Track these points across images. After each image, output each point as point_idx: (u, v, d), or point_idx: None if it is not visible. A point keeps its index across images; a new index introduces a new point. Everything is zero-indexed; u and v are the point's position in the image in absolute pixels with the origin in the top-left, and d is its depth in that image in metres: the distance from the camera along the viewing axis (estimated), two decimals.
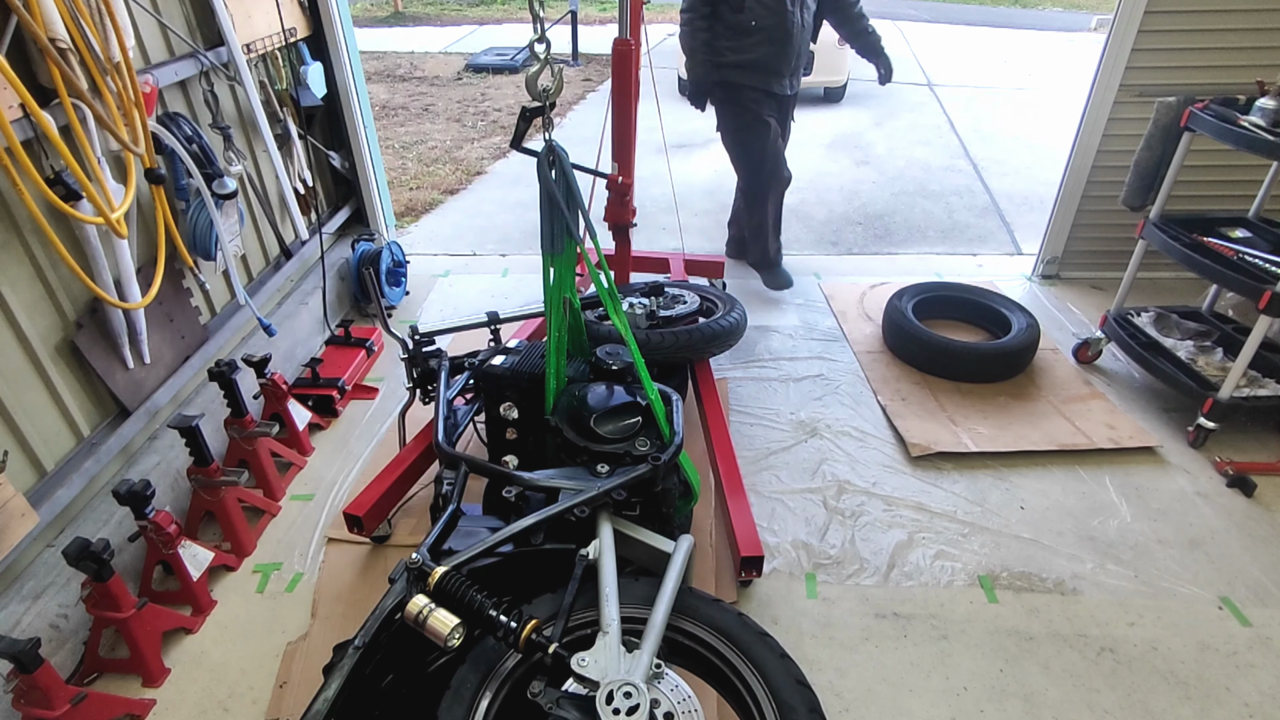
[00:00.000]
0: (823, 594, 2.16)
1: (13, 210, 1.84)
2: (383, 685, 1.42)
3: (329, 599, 2.14)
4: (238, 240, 2.60)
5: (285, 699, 1.86)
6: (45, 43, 1.68)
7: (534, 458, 2.10)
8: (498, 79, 8.47)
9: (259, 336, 2.83)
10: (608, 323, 2.46)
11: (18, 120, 1.73)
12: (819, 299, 3.75)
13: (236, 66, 2.63)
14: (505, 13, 13.18)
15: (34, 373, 1.93)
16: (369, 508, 2.14)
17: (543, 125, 1.70)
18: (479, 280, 3.99)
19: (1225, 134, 2.54)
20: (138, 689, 1.90)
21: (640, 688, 1.25)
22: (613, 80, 2.82)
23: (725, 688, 1.42)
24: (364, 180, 3.73)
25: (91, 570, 1.74)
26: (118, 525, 2.06)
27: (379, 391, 3.04)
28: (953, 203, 5.18)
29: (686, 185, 5.32)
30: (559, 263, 1.85)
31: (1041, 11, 13.44)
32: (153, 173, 2.08)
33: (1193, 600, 2.13)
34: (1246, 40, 3.18)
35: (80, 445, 2.08)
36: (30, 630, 1.77)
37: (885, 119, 7.09)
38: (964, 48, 10.29)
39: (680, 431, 1.78)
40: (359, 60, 3.56)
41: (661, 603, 1.39)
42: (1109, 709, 1.85)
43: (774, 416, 2.90)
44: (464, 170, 5.77)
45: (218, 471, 2.22)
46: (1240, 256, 2.58)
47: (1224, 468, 2.57)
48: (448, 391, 2.20)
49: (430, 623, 1.28)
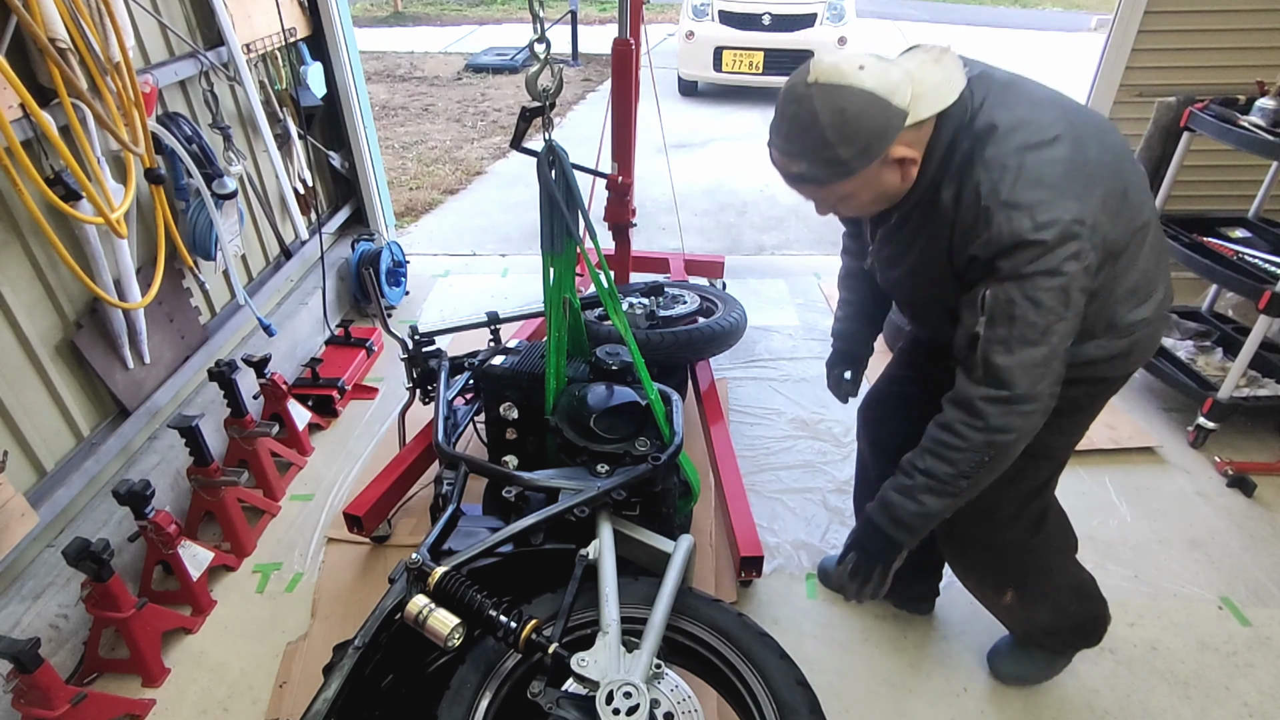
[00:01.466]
0: (823, 594, 2.16)
1: (13, 210, 1.83)
2: (383, 685, 1.42)
3: (329, 599, 2.13)
4: (237, 240, 2.60)
5: (285, 699, 1.86)
6: (45, 43, 1.68)
7: (534, 458, 2.10)
8: (498, 79, 8.47)
9: (259, 336, 2.83)
10: (608, 323, 2.46)
11: (17, 120, 1.73)
12: (819, 299, 3.75)
13: (236, 66, 2.63)
14: (505, 13, 13.17)
15: (34, 373, 1.93)
16: (369, 508, 2.14)
17: (543, 125, 1.70)
18: (479, 280, 3.99)
19: (1225, 134, 2.54)
20: (137, 689, 1.90)
21: (640, 688, 1.25)
22: (613, 80, 2.82)
23: (725, 688, 1.41)
24: (364, 180, 3.73)
25: (91, 570, 1.74)
26: (117, 525, 2.06)
27: (379, 391, 3.04)
28: None
29: (686, 185, 5.31)
30: (559, 263, 1.85)
31: (1041, 11, 13.44)
32: (152, 173, 2.08)
33: (1192, 600, 2.13)
34: (1246, 40, 3.18)
35: (80, 445, 2.08)
36: (30, 630, 1.77)
37: None
38: (964, 47, 10.23)
39: (680, 431, 1.78)
40: (359, 60, 3.56)
41: (661, 603, 1.39)
42: (1109, 709, 1.85)
43: (774, 416, 2.90)
44: (464, 170, 5.77)
45: (218, 471, 2.22)
46: (1240, 256, 2.58)
47: (1224, 468, 2.57)
48: (447, 391, 2.20)
49: (430, 623, 1.28)
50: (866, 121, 1.14)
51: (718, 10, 7.34)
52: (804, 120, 1.16)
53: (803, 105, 1.16)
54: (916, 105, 1.17)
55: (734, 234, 4.70)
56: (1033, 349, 1.17)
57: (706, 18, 7.37)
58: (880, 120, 1.15)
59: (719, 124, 6.95)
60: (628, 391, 1.93)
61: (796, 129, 1.18)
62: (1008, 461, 1.27)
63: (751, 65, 7.29)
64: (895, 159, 1.19)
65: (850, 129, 1.14)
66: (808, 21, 7.19)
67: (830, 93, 1.14)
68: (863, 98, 1.13)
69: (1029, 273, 1.14)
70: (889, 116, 1.15)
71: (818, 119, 1.15)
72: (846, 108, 1.13)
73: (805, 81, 1.16)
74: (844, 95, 1.13)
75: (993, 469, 1.27)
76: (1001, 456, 1.25)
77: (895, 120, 1.15)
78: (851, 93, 1.13)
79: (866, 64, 1.15)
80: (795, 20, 7.20)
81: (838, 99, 1.14)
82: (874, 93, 1.14)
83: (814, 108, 1.14)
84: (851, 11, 7.37)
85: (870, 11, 11.85)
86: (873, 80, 1.14)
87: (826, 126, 1.14)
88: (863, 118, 1.14)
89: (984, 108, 1.20)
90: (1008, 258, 1.15)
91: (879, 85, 1.14)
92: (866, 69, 1.14)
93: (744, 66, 7.30)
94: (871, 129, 1.15)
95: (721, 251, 4.36)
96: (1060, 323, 1.17)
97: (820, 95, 1.14)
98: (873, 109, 1.14)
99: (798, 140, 1.19)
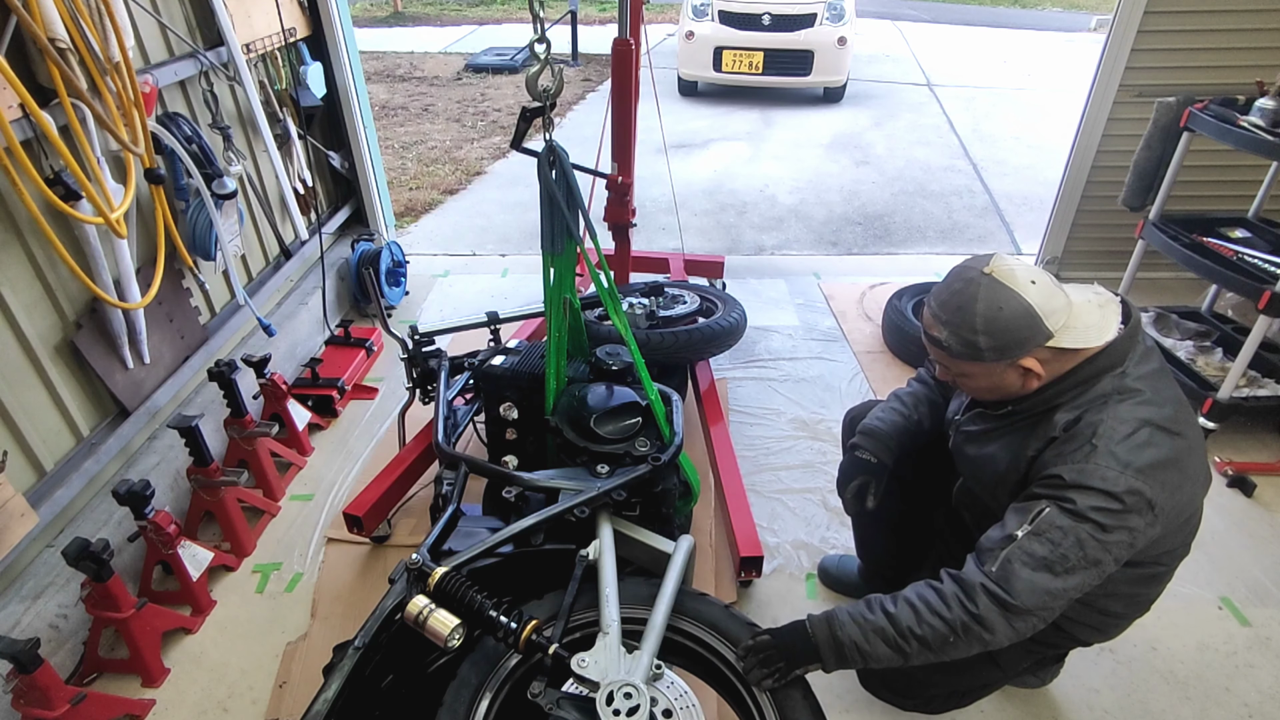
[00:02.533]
0: (823, 594, 2.16)
1: (12, 210, 1.83)
2: (383, 685, 1.42)
3: (329, 599, 2.13)
4: (237, 240, 2.60)
5: (285, 699, 1.86)
6: (45, 43, 1.68)
7: (534, 458, 2.10)
8: (498, 79, 8.47)
9: (259, 336, 2.83)
10: (608, 323, 2.46)
11: (17, 120, 1.73)
12: (819, 299, 3.75)
13: (236, 66, 2.63)
14: (505, 13, 13.17)
15: (34, 373, 1.93)
16: (369, 508, 2.14)
17: (543, 125, 1.70)
18: (479, 280, 3.99)
19: (1225, 134, 2.54)
20: (137, 689, 1.90)
21: (640, 688, 1.25)
22: (613, 80, 2.82)
23: (725, 688, 1.41)
24: (364, 180, 3.73)
25: (91, 570, 1.74)
26: (117, 525, 2.06)
27: (379, 391, 3.04)
28: (952, 203, 5.18)
29: (686, 185, 5.32)
30: (559, 263, 1.85)
31: (1041, 11, 13.44)
32: (152, 173, 2.08)
33: (1192, 600, 2.13)
34: (1246, 40, 3.18)
35: (80, 445, 2.08)
36: (30, 630, 1.76)
37: (885, 119, 7.10)
38: (964, 48, 10.29)
39: (680, 431, 1.78)
40: (359, 60, 3.56)
41: (661, 603, 1.39)
42: (1108, 709, 1.85)
43: (774, 416, 2.90)
44: (464, 170, 5.77)
45: (217, 471, 2.22)
46: (1240, 256, 2.58)
47: (1224, 468, 2.57)
48: (447, 392, 2.20)
49: (430, 623, 1.28)
50: (1015, 327, 1.25)
51: (718, 10, 7.34)
52: (963, 300, 1.28)
53: (968, 288, 1.27)
54: (1063, 334, 1.27)
55: (734, 234, 4.71)
56: (1052, 578, 1.23)
57: (706, 18, 7.37)
58: (1026, 332, 1.25)
59: (719, 124, 6.95)
60: (628, 392, 1.93)
61: (954, 304, 1.29)
62: (967, 653, 1.29)
63: (751, 65, 7.29)
64: (1023, 367, 1.28)
65: (997, 326, 1.25)
66: (807, 21, 7.19)
67: (996, 289, 1.25)
68: (1021, 306, 1.24)
69: (1091, 517, 1.21)
70: (1035, 331, 1.25)
71: (975, 305, 1.26)
72: (1004, 308, 1.25)
73: (981, 270, 1.28)
74: (1007, 297, 1.25)
75: (949, 651, 1.28)
76: (967, 645, 1.27)
77: (1039, 337, 1.26)
78: (1014, 298, 1.24)
79: (1039, 280, 1.26)
80: (795, 20, 7.20)
81: (1000, 297, 1.25)
82: (1033, 306, 1.24)
83: (976, 294, 1.26)
84: (851, 11, 7.37)
85: (870, 11, 11.86)
86: (1037, 296, 1.25)
87: (979, 315, 1.26)
88: (1013, 322, 1.25)
89: (1139, 373, 1.29)
90: (1083, 493, 1.22)
91: (1040, 302, 1.25)
92: (1037, 284, 1.26)
93: (744, 66, 7.30)
94: (1015, 335, 1.25)
95: (721, 251, 4.36)
96: (1086, 570, 1.24)
97: (987, 287, 1.26)
98: (1025, 319, 1.25)
99: (950, 313, 1.30)
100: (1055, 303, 1.26)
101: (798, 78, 7.32)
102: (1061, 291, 1.28)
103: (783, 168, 5.83)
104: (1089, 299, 1.33)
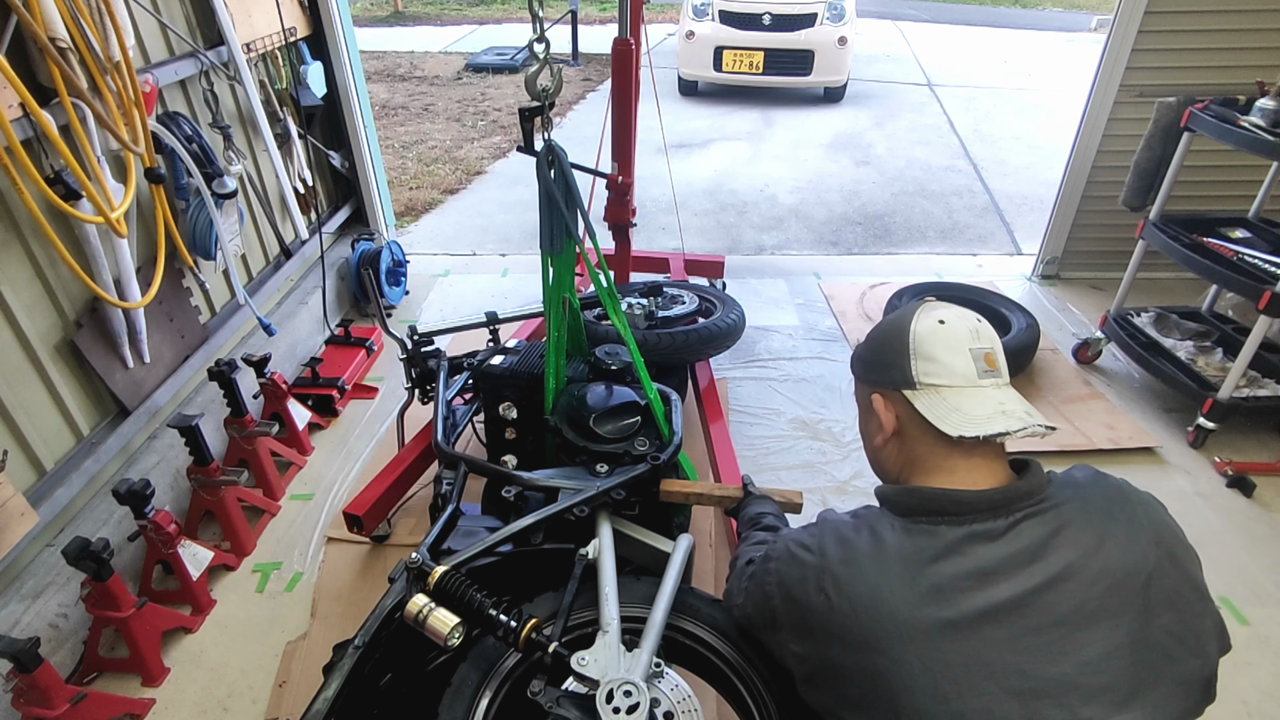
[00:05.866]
0: None
1: (13, 210, 1.83)
2: (382, 685, 1.42)
3: (329, 598, 2.14)
4: (237, 240, 2.60)
5: (285, 698, 1.86)
6: (45, 42, 1.68)
7: (533, 458, 2.10)
8: (498, 79, 8.47)
9: (259, 336, 2.83)
10: (607, 323, 2.46)
11: (17, 119, 1.73)
12: (819, 299, 3.75)
13: (236, 66, 2.63)
14: (505, 12, 13.17)
15: (34, 372, 1.93)
16: (369, 507, 2.14)
17: (542, 125, 1.70)
18: (478, 280, 3.99)
19: (1225, 134, 2.54)
20: (137, 688, 1.90)
21: (640, 686, 1.25)
22: (613, 80, 2.82)
23: (725, 687, 1.42)
24: (364, 180, 3.73)
25: (91, 570, 1.74)
26: (117, 525, 2.06)
27: (379, 391, 3.04)
28: (953, 203, 5.18)
29: (686, 185, 5.32)
30: (558, 263, 1.85)
31: (1041, 11, 13.44)
32: (152, 172, 2.08)
33: None
34: (1246, 40, 3.19)
35: (80, 445, 2.08)
36: (30, 630, 1.77)
37: (885, 119, 7.10)
38: (964, 48, 10.29)
39: (680, 431, 1.78)
40: (359, 60, 3.56)
41: (661, 602, 1.39)
42: None
43: (774, 416, 2.90)
44: (464, 170, 5.77)
45: (217, 471, 2.22)
46: (1240, 257, 2.58)
47: (1224, 468, 2.57)
48: (447, 391, 2.20)
49: (430, 622, 1.28)
50: (883, 345, 1.11)
51: (718, 10, 7.34)
52: (886, 317, 1.23)
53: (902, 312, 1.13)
54: (927, 395, 1.04)
55: (734, 234, 4.71)
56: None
57: (707, 17, 7.37)
58: (890, 355, 1.09)
59: (719, 124, 6.95)
60: (627, 391, 1.93)
61: (883, 321, 1.18)
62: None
63: (752, 65, 7.29)
64: (875, 404, 1.12)
65: (873, 336, 1.16)
66: (808, 21, 7.19)
67: (908, 310, 1.11)
68: (902, 328, 1.09)
69: None
70: (898, 359, 1.08)
71: (883, 322, 1.17)
72: (890, 324, 1.13)
73: (923, 300, 1.14)
74: (903, 317, 1.10)
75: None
76: None
77: (897, 373, 1.07)
78: (906, 320, 1.09)
79: (960, 338, 1.05)
80: (795, 20, 7.20)
81: (899, 316, 1.11)
82: (912, 337, 1.07)
83: (897, 313, 1.14)
84: (851, 11, 7.37)
85: (870, 11, 11.85)
86: (927, 335, 1.06)
87: (877, 329, 1.17)
88: (885, 338, 1.12)
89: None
90: None
91: (923, 339, 1.06)
92: (945, 326, 1.06)
93: (744, 66, 7.31)
94: (880, 354, 1.12)
95: (721, 251, 4.36)
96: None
97: (909, 309, 1.11)
98: (896, 342, 1.08)
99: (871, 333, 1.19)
100: (944, 358, 1.04)
101: (798, 77, 7.33)
102: (973, 361, 1.03)
103: (783, 167, 5.84)
104: (1002, 401, 1.02)
